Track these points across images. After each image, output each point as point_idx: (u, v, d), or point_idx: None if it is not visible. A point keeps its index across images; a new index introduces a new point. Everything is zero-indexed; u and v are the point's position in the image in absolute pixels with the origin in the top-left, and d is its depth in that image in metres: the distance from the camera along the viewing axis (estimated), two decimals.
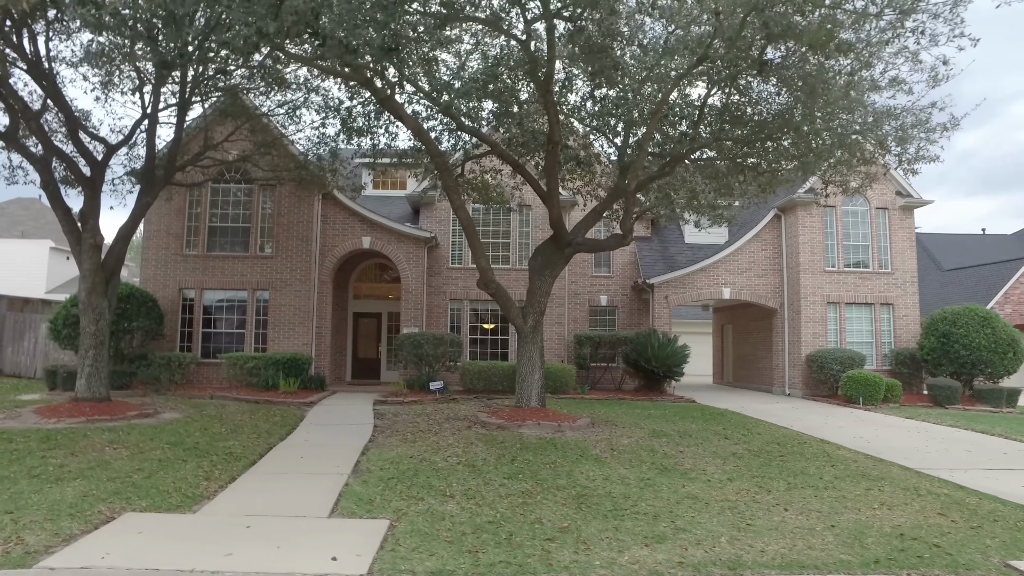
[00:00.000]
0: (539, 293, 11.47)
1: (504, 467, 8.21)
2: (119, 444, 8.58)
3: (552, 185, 10.06)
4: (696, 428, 11.69)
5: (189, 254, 16.64)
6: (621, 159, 11.90)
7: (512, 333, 18.97)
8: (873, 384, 16.05)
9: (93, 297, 10.71)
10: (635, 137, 10.16)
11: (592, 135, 10.96)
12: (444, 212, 19.24)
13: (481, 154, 12.81)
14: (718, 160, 12.20)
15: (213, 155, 13.48)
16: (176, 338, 16.26)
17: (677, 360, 17.74)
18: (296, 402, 13.65)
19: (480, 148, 13.62)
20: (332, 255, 17.44)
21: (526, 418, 11.02)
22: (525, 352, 11.59)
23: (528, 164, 14.17)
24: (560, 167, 10.20)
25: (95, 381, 10.72)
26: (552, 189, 10.09)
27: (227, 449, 8.63)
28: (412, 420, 11.66)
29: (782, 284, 20.00)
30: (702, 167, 12.89)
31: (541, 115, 10.33)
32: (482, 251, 11.05)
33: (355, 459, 8.42)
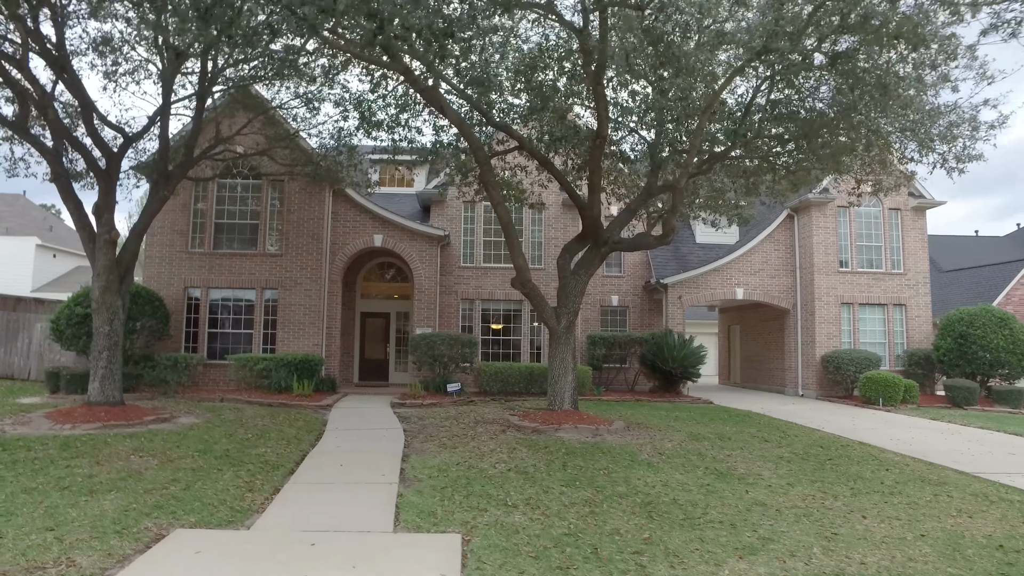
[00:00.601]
0: (573, 293, 11.11)
1: (557, 473, 7.84)
2: (145, 452, 8.07)
3: (595, 181, 9.71)
4: (731, 431, 11.41)
5: (195, 251, 16.04)
6: (654, 156, 11.61)
7: (524, 334, 18.63)
8: (893, 385, 15.93)
9: (108, 295, 10.14)
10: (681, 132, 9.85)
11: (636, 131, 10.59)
12: (455, 210, 18.82)
13: (507, 150, 12.41)
14: (747, 159, 11.93)
15: (230, 148, 12.92)
16: (181, 338, 15.65)
17: (694, 361, 17.50)
18: (312, 405, 13.16)
19: (505, 144, 13.25)
20: (343, 253, 16.93)
21: (561, 421, 10.66)
22: (558, 353, 11.22)
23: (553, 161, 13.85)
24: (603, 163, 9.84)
25: (109, 384, 10.16)
26: (595, 186, 9.74)
27: (260, 457, 8.16)
28: (440, 424, 11.24)
29: (795, 284, 19.86)
30: (729, 166, 12.63)
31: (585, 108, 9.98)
32: (520, 249, 10.67)
33: (398, 466, 8.00)
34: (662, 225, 10.58)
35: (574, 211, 19.12)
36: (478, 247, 18.77)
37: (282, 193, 16.43)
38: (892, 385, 15.93)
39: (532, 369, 16.41)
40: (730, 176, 12.97)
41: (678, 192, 9.78)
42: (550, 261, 18.72)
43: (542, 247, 18.95)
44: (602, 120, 8.71)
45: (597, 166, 9.71)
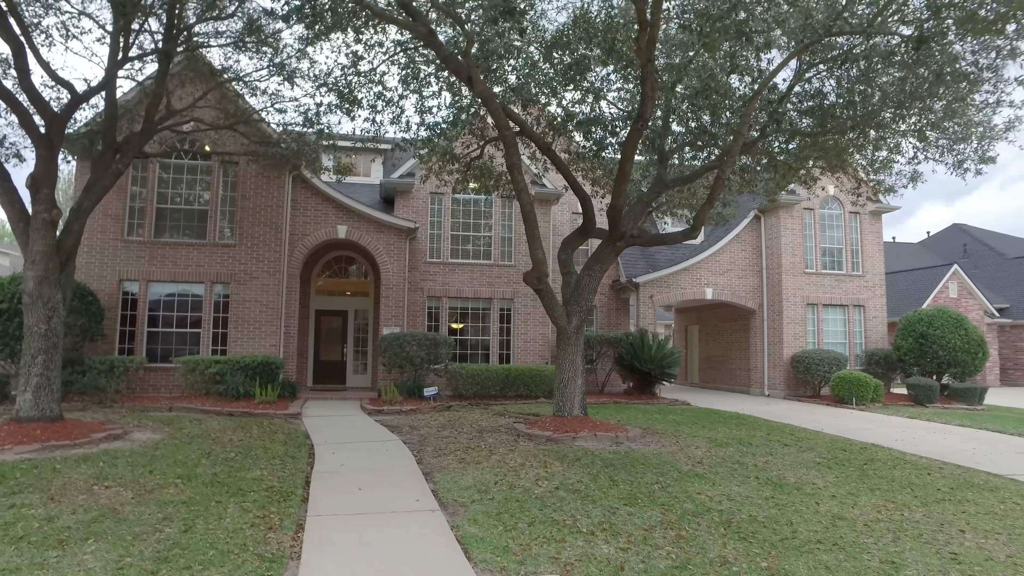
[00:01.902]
0: (586, 290, 10.28)
1: (611, 491, 6.97)
2: (110, 481, 6.52)
3: (627, 169, 8.91)
4: (742, 435, 10.95)
5: (132, 240, 13.99)
6: (659, 146, 10.99)
7: (493, 333, 17.65)
8: (864, 385, 16.16)
9: (45, 287, 8.33)
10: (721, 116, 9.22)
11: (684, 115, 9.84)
12: (422, 201, 17.58)
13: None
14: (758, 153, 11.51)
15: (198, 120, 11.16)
16: (115, 339, 13.58)
17: (671, 362, 17.13)
18: (280, 414, 11.64)
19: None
20: (303, 245, 15.34)
21: (576, 429, 9.80)
22: (567, 355, 10.36)
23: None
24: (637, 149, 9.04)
25: (45, 395, 8.35)
26: (626, 173, 8.95)
27: (259, 482, 6.79)
28: (439, 434, 10.11)
29: (761, 285, 19.96)
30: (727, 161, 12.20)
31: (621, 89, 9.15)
32: (540, 241, 9.69)
33: (427, 488, 6.88)
34: (694, 219, 9.96)
35: (546, 206, 18.35)
36: (445, 241, 17.62)
37: (236, 176, 14.64)
38: (864, 385, 16.16)
39: (509, 371, 15.47)
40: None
41: (719, 182, 9.16)
42: (521, 258, 17.86)
43: (512, 244, 18.02)
44: (647, 100, 7.93)
45: (631, 152, 8.93)
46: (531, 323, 17.72)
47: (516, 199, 9.35)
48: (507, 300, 17.70)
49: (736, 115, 9.08)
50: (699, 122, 9.72)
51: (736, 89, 9.03)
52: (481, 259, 17.75)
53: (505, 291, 17.60)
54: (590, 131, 10.17)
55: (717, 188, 9.29)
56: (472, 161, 12.48)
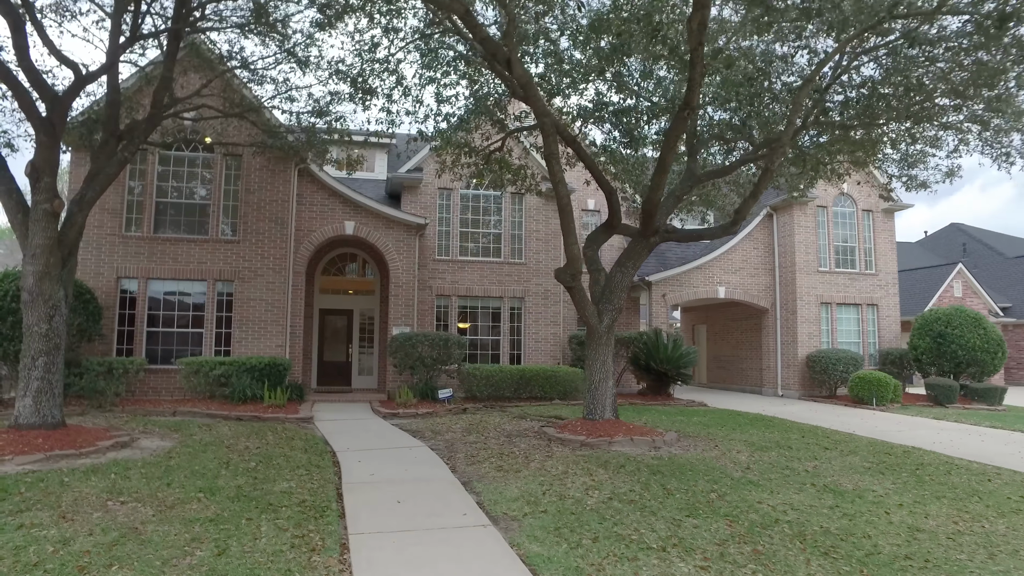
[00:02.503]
0: (618, 288, 9.79)
1: (667, 500, 6.48)
2: (126, 496, 5.93)
3: (668, 160, 8.41)
4: (778, 438, 10.52)
5: (131, 235, 13.30)
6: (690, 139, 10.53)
7: (503, 333, 17.11)
8: (884, 385, 15.82)
9: (46, 284, 7.69)
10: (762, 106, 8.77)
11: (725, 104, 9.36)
12: (430, 197, 17.02)
13: (529, 127, 10.93)
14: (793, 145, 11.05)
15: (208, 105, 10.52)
16: (113, 339, 12.90)
17: (687, 362, 16.70)
18: (292, 419, 11.05)
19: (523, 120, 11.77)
20: (308, 241, 14.73)
21: (610, 433, 9.31)
22: (598, 356, 9.86)
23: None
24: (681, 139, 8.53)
25: (47, 400, 7.72)
26: (666, 165, 8.45)
27: (288, 495, 6.22)
28: (465, 439, 9.58)
29: (773, 284, 19.60)
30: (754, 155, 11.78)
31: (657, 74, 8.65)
32: (575, 235, 9.17)
33: (469, 499, 6.35)
34: (735, 213, 9.50)
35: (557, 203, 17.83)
36: (454, 238, 17.06)
37: (239, 169, 14.00)
38: (884, 385, 15.82)
39: (524, 372, 14.96)
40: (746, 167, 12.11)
41: (767, 174, 8.70)
42: (531, 255, 17.36)
43: (523, 240, 17.50)
44: (694, 87, 7.44)
45: (674, 143, 8.43)
46: (542, 322, 17.22)
47: (553, 191, 8.83)
48: (517, 299, 17.18)
49: (778, 103, 8.65)
50: (742, 111, 9.26)
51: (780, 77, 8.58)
52: (491, 256, 17.22)
53: (516, 289, 17.09)
54: (623, 121, 9.67)
55: (764, 180, 8.83)
56: (491, 154, 11.96)
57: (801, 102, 8.03)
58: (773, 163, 8.59)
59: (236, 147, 13.50)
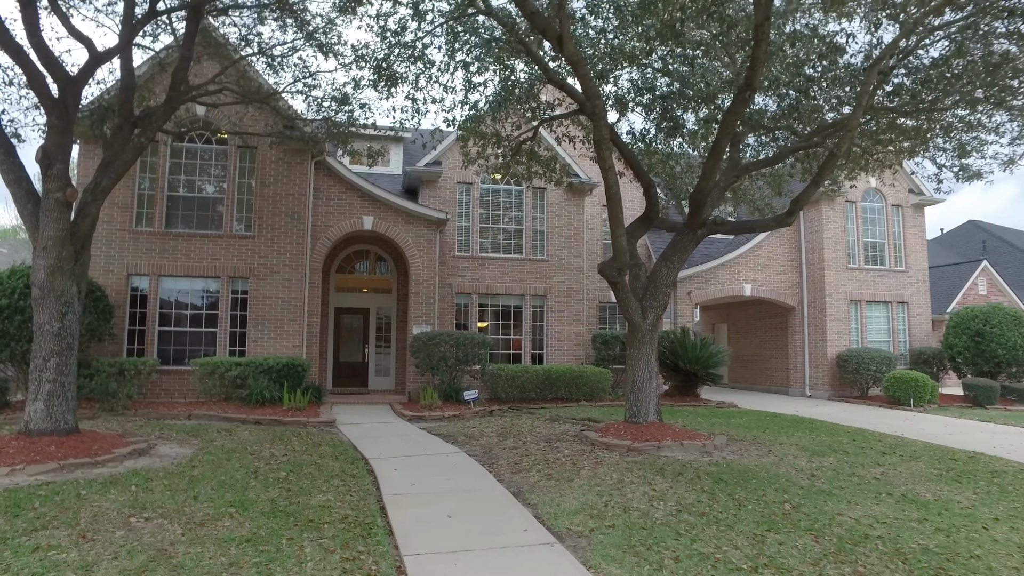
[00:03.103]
0: (663, 283, 9.21)
1: (739, 512, 5.90)
2: (150, 511, 5.36)
3: (723, 145, 7.83)
4: (829, 441, 9.93)
5: (142, 231, 12.74)
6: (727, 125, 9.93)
7: (525, 332, 16.53)
8: (922, 385, 15.22)
9: (58, 279, 7.14)
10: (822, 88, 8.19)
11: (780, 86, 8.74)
12: (449, 191, 16.44)
13: (566, 114, 10.36)
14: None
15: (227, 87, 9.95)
16: (123, 339, 12.35)
17: (716, 361, 16.12)
18: (315, 422, 10.48)
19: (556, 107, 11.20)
20: (325, 237, 14.16)
21: (657, 437, 8.72)
22: (641, 355, 9.28)
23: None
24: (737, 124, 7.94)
25: (59, 404, 7.16)
26: (719, 151, 7.87)
27: (327, 509, 5.65)
28: (500, 443, 9.01)
29: (800, 281, 19.01)
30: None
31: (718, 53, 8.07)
32: (623, 227, 8.59)
33: (525, 513, 5.78)
34: (793, 202, 8.91)
35: (579, 198, 17.29)
36: (474, 234, 16.49)
37: (254, 162, 13.44)
38: (922, 385, 15.22)
39: (550, 373, 14.38)
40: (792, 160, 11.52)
41: (832, 160, 8.11)
42: (553, 252, 16.79)
43: (543, 236, 16.93)
44: (757, 66, 6.86)
45: (732, 126, 7.85)
46: (565, 321, 16.65)
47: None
48: (540, 297, 16.61)
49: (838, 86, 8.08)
50: (799, 95, 8.68)
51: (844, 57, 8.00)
52: (512, 253, 16.66)
53: (538, 287, 16.52)
54: (669, 107, 9.10)
55: (829, 166, 8.23)
56: (521, 145, 11.40)
57: (870, 82, 7.46)
58: (841, 148, 8.01)
59: (251, 138, 12.94)
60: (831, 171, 8.58)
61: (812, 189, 8.64)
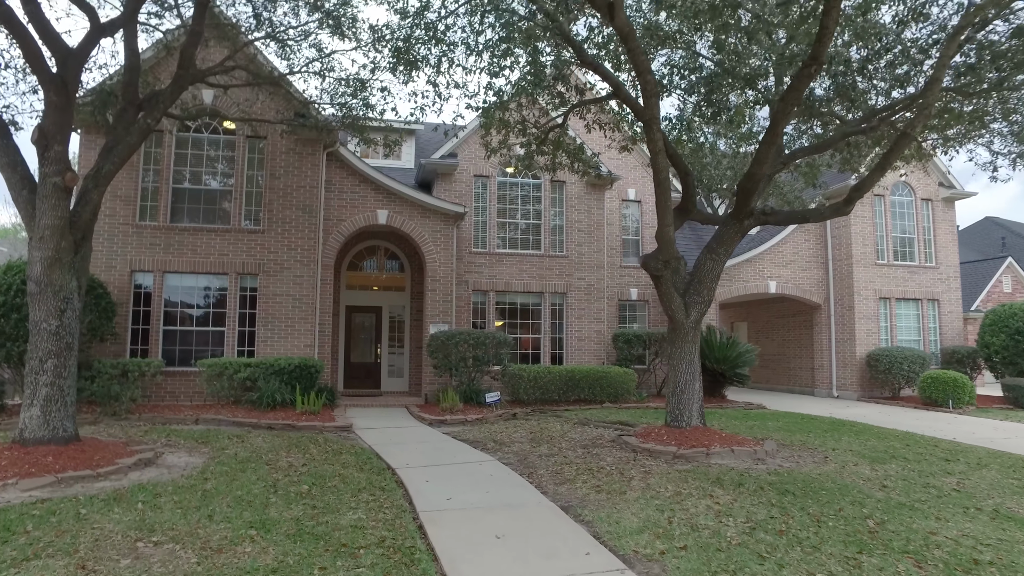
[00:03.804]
0: (707, 278, 8.56)
1: (820, 530, 5.24)
2: (159, 533, 4.71)
3: (782, 126, 7.18)
4: (882, 446, 9.27)
5: (146, 225, 12.09)
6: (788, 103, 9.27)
7: (544, 331, 15.87)
8: (961, 386, 14.55)
9: (56, 272, 6.50)
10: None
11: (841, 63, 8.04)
12: (465, 184, 15.79)
13: (601, 98, 9.71)
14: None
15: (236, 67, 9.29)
16: (127, 339, 11.70)
17: (745, 361, 15.48)
18: (330, 427, 9.83)
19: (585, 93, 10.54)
20: (338, 231, 13.51)
21: (704, 442, 8.07)
22: (683, 355, 8.62)
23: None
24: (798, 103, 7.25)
25: (58, 410, 6.51)
26: (777, 133, 7.20)
27: (359, 530, 4.99)
28: (533, 450, 8.35)
29: (826, 278, 18.34)
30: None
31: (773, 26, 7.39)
32: (671, 216, 7.92)
33: (582, 532, 5.12)
34: (853, 190, 8.25)
35: (599, 192, 16.63)
36: (491, 229, 15.83)
37: (264, 153, 12.79)
38: (960, 386, 14.56)
39: (573, 373, 13.72)
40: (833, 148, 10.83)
41: (905, 139, 7.45)
42: (573, 247, 16.13)
43: (563, 231, 16.28)
44: (825, 36, 6.20)
45: (792, 106, 7.17)
46: (585, 319, 15.99)
47: (651, 161, 7.55)
48: (559, 294, 15.96)
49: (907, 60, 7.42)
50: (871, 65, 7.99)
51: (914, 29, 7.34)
52: (531, 249, 16.00)
53: (557, 284, 15.86)
54: (716, 88, 8.43)
55: (900, 146, 7.56)
56: (549, 132, 10.75)
57: (949, 55, 6.80)
58: (916, 127, 7.34)
59: (261, 128, 12.30)
60: (900, 153, 7.92)
61: (878, 174, 7.96)
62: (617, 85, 9.05)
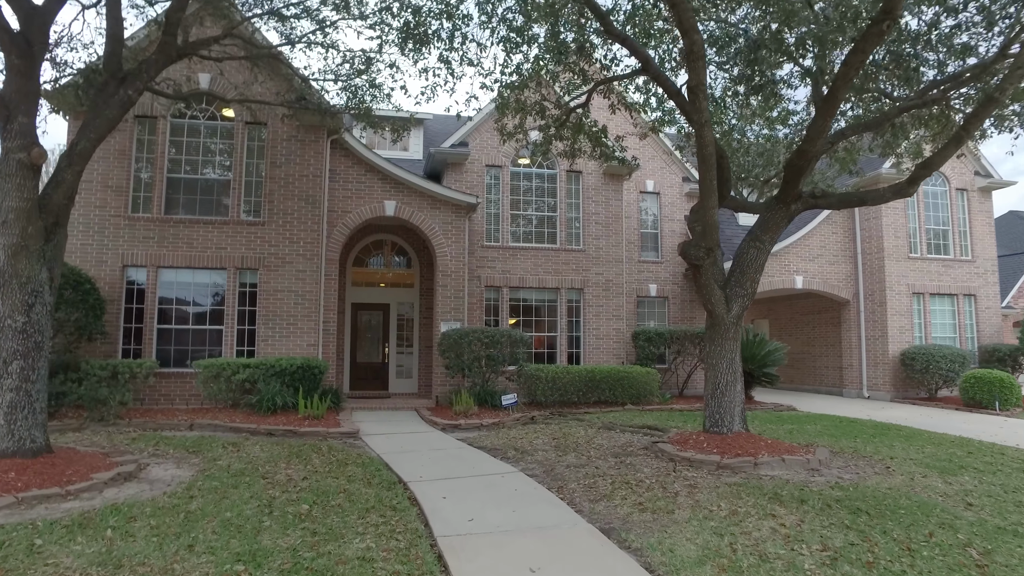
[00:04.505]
0: (751, 268, 7.72)
1: (915, 561, 4.39)
2: (127, 570, 3.91)
3: (842, 93, 6.33)
4: (943, 455, 8.38)
5: (138, 216, 11.34)
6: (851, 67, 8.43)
7: (560, 329, 15.03)
8: (1008, 386, 13.64)
9: (23, 262, 5.74)
10: None
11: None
12: (477, 175, 14.98)
13: (629, 74, 8.88)
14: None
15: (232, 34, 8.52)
16: (118, 338, 10.95)
17: (773, 361, 14.64)
18: (333, 432, 9.04)
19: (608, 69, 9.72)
20: (343, 224, 12.72)
21: (751, 451, 7.22)
22: (724, 353, 7.78)
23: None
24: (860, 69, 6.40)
25: (24, 418, 5.75)
26: (837, 99, 6.36)
27: (368, 563, 4.19)
28: (559, 459, 7.52)
29: (855, 272, 17.43)
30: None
31: None
32: (716, 198, 7.06)
33: (633, 562, 4.30)
34: (920, 167, 7.39)
35: (617, 182, 15.79)
36: (504, 222, 15.02)
37: (263, 140, 12.03)
38: (1008, 386, 13.64)
39: (593, 374, 12.90)
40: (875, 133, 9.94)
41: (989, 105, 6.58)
42: (591, 241, 15.30)
43: (580, 224, 15.44)
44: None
45: (855, 72, 6.31)
46: (603, 317, 15.16)
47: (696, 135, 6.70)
48: (576, 290, 15.13)
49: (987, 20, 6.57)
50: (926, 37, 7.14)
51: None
52: (546, 243, 15.18)
53: (574, 279, 15.04)
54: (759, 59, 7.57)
55: (982, 113, 6.70)
56: (570, 113, 9.94)
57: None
58: (1006, 90, 6.48)
59: (261, 114, 11.53)
60: (981, 122, 7.06)
61: (952, 147, 7.07)
62: (646, 59, 8.21)
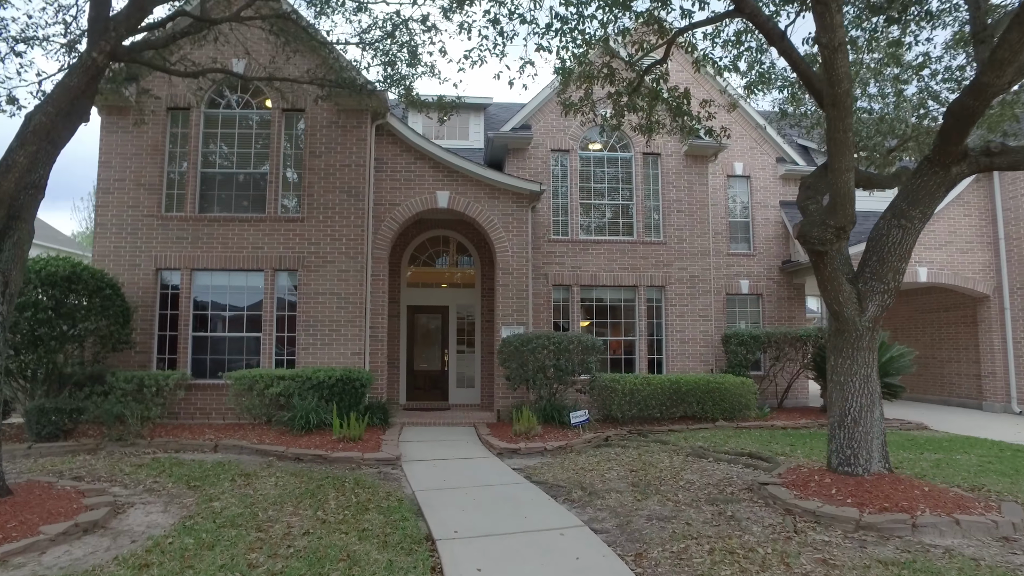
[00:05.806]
0: (893, 255, 5.76)
1: None
2: None
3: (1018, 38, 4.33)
4: None
5: (172, 216, 10.54)
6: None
7: (639, 332, 13.18)
8: None
9: None
10: None
11: None
12: (541, 161, 13.41)
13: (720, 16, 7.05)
14: None
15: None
16: (152, 348, 10.16)
17: (898, 368, 12.23)
18: (369, 459, 7.71)
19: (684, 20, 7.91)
20: (391, 218, 11.49)
21: (901, 503, 5.25)
22: (857, 367, 5.84)
23: None
24: None
25: None
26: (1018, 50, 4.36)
27: None
28: (638, 505, 5.82)
29: (996, 262, 14.56)
30: None
31: None
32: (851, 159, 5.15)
33: None
34: None
35: (701, 164, 13.78)
36: (573, 212, 13.36)
37: (302, 128, 10.97)
38: None
39: (678, 384, 11.03)
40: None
41: None
42: (672, 232, 13.39)
43: (660, 212, 13.56)
44: None
45: None
46: (688, 318, 13.21)
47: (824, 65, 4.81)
48: (656, 288, 13.28)
49: None
50: None
51: None
52: (621, 235, 13.41)
53: (654, 276, 13.18)
54: None
55: None
56: (645, 73, 8.22)
57: None
58: None
59: (298, 99, 10.48)
60: None
61: None
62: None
